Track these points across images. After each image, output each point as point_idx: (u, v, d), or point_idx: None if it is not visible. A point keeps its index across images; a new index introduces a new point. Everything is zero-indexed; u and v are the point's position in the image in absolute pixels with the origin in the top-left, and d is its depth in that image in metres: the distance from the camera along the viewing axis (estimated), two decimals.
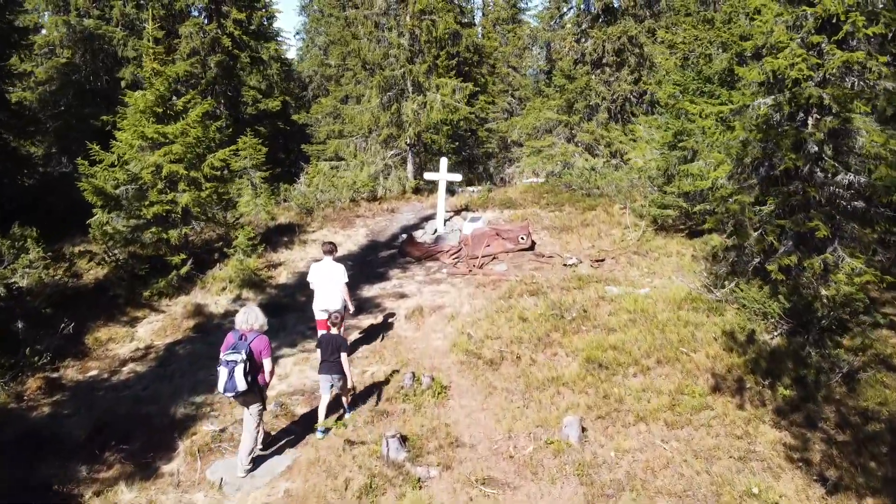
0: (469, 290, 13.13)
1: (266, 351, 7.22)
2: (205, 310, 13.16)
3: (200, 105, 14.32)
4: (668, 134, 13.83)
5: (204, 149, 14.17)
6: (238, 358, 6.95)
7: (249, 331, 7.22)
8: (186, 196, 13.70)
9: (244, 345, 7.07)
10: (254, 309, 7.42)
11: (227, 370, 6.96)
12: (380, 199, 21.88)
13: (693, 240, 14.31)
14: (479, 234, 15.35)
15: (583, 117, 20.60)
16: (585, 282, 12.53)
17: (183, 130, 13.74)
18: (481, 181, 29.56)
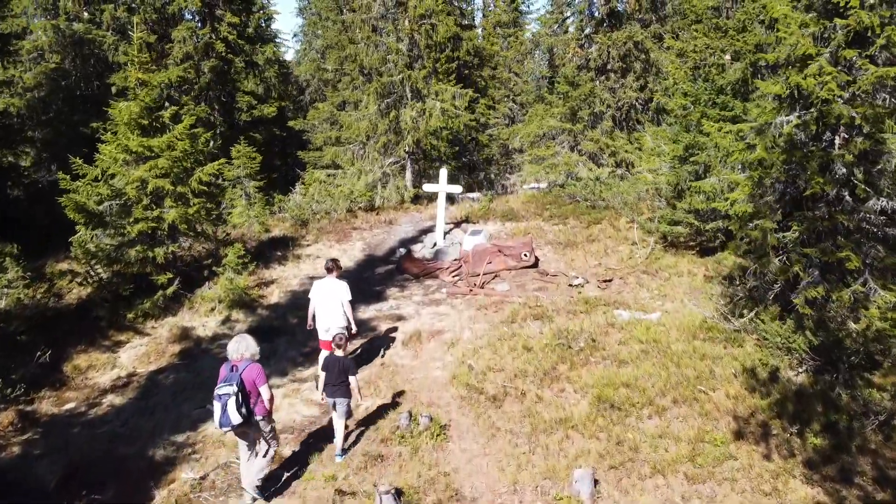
0: (470, 313, 12.47)
1: (260, 379, 6.94)
2: (192, 333, 12.50)
3: (188, 117, 13.63)
4: (679, 147, 13.16)
5: (192, 162, 13.49)
6: (230, 391, 6.69)
7: (240, 360, 6.95)
8: (173, 212, 13.04)
9: (235, 376, 6.80)
10: (245, 338, 7.14)
11: (221, 405, 6.71)
12: (377, 210, 21.22)
13: (705, 258, 13.66)
14: (480, 251, 14.69)
15: (587, 125, 19.92)
16: (593, 305, 11.87)
17: (169, 143, 13.08)
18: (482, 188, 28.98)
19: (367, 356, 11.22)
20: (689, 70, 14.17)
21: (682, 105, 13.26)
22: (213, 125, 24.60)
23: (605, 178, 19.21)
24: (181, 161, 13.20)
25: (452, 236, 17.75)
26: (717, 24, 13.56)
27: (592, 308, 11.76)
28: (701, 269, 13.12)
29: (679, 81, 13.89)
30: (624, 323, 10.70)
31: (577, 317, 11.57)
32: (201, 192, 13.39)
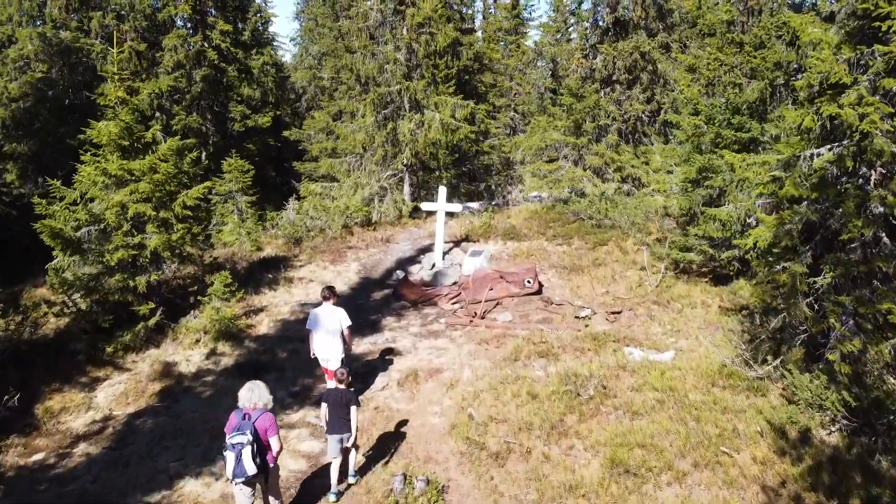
0: (470, 348, 11.71)
1: (272, 429, 6.70)
2: (174, 370, 11.73)
3: (171, 139, 12.86)
4: (692, 170, 12.40)
5: (176, 185, 12.73)
6: (244, 440, 6.44)
7: (253, 409, 6.70)
8: (155, 239, 12.29)
9: (248, 425, 6.55)
10: (258, 386, 6.87)
11: (235, 454, 6.43)
12: (374, 225, 20.47)
13: (719, 286, 12.90)
14: (481, 277, 13.93)
15: (591, 139, 19.16)
16: (601, 342, 11.11)
17: (152, 166, 12.33)
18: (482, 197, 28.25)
19: (361, 398, 10.45)
20: (702, 87, 13.39)
21: (695, 125, 12.49)
22: (206, 135, 23.89)
23: (610, 195, 18.45)
24: (164, 184, 12.45)
25: (452, 257, 17.01)
26: (731, 39, 12.80)
27: (601, 345, 11.00)
28: (715, 299, 12.36)
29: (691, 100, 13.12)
30: (636, 365, 9.93)
31: (585, 355, 10.82)
32: (186, 216, 12.63)
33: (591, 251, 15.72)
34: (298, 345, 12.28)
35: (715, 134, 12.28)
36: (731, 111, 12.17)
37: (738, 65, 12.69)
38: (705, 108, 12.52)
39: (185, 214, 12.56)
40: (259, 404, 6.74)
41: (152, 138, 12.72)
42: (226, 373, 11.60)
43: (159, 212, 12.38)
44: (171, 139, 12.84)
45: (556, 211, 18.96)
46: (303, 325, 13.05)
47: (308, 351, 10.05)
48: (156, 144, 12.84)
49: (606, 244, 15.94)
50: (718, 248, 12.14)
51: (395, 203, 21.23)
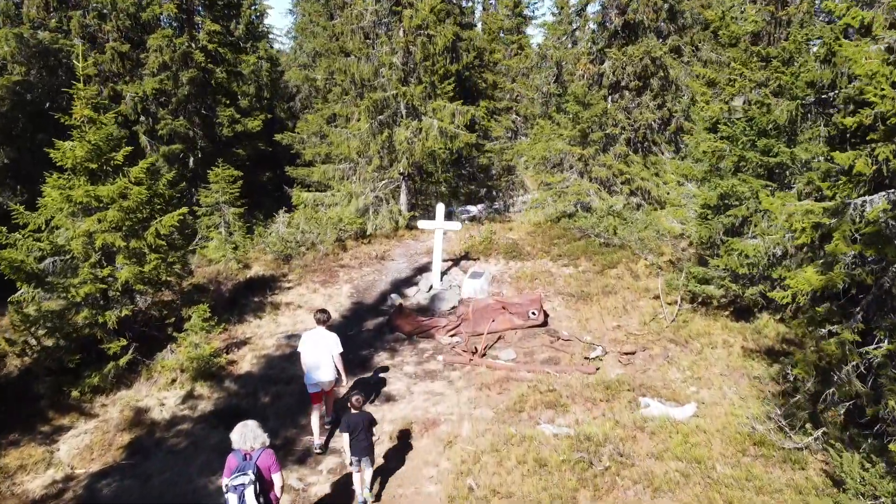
0: (470, 394, 10.69)
1: (275, 466, 6.62)
2: (146, 416, 10.71)
3: (143, 161, 11.77)
4: (713, 195, 11.34)
5: (149, 212, 11.67)
6: (247, 480, 6.32)
7: (251, 449, 6.55)
8: (126, 271, 11.25)
9: (250, 464, 6.41)
10: (249, 426, 6.66)
11: (237, 495, 6.31)
12: (369, 238, 19.44)
13: (740, 322, 11.87)
14: (481, 308, 12.89)
15: (598, 149, 18.07)
16: (615, 390, 10.09)
17: (121, 192, 11.25)
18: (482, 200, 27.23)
19: None
20: (723, 104, 12.27)
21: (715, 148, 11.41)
22: (193, 140, 22.79)
23: (619, 209, 17.39)
24: (135, 212, 11.39)
25: (451, 278, 15.98)
26: (757, 52, 11.68)
27: (614, 394, 9.98)
28: (738, 338, 11.33)
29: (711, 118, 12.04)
30: (655, 426, 8.90)
31: (597, 406, 9.80)
32: (160, 246, 11.57)
33: (599, 275, 14.67)
34: (283, 387, 11.27)
35: (738, 157, 11.21)
36: (756, 132, 11.08)
37: (764, 81, 11.60)
38: (727, 128, 11.43)
39: (158, 244, 11.49)
40: (256, 445, 6.57)
41: (123, 160, 11.61)
42: (203, 420, 10.58)
43: (130, 242, 11.32)
44: (143, 161, 11.73)
45: (560, 226, 17.90)
46: (287, 363, 12.14)
47: (292, 390, 10.06)
48: (126, 167, 11.72)
49: (616, 267, 14.89)
50: (743, 284, 11.10)
51: (390, 214, 20.16)
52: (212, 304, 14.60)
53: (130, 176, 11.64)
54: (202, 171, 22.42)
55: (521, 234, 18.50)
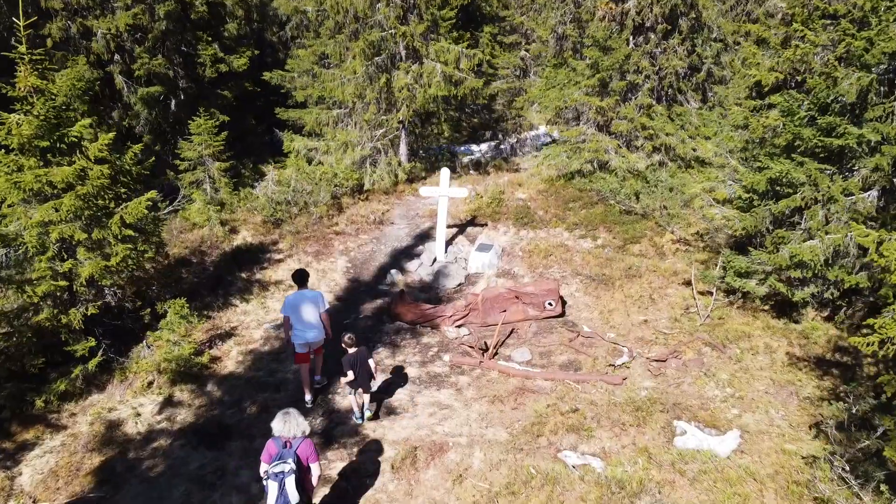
0: (480, 407, 9.52)
1: (313, 456, 6.69)
2: (119, 431, 9.58)
3: (104, 134, 10.15)
4: (761, 179, 9.81)
5: (113, 196, 10.16)
6: (287, 468, 6.37)
7: (293, 438, 6.60)
8: (89, 266, 9.86)
9: (290, 453, 6.47)
10: (292, 415, 6.68)
11: (278, 483, 6.37)
12: (367, 194, 17.93)
13: (783, 320, 10.59)
14: (492, 297, 11.59)
15: (619, 99, 16.30)
16: (646, 412, 8.91)
17: (80, 173, 9.72)
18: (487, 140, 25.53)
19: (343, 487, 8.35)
20: (781, 74, 10.52)
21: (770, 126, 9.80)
22: (174, 82, 20.84)
23: (641, 168, 15.82)
24: (97, 197, 9.89)
25: (456, 249, 14.62)
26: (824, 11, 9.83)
27: (646, 417, 8.80)
28: (782, 341, 10.08)
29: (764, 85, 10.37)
30: (696, 471, 7.74)
31: (626, 432, 8.64)
32: (127, 236, 10.12)
33: (621, 251, 13.29)
34: (271, 396, 10.10)
35: (792, 135, 9.62)
36: (816, 107, 9.47)
37: (831, 44, 9.85)
38: (781, 99, 9.78)
39: (126, 234, 10.05)
40: (298, 433, 6.63)
41: (80, 135, 10.00)
42: (182, 435, 9.45)
43: (92, 232, 9.87)
44: (104, 135, 10.11)
45: (575, 186, 16.37)
46: (276, 362, 10.93)
47: (281, 400, 9.59)
48: (87, 141, 10.12)
49: (639, 241, 13.49)
50: (793, 286, 9.75)
51: (389, 166, 18.54)
52: (195, 281, 13.39)
53: (90, 153, 10.05)
54: (185, 114, 20.61)
55: (532, 192, 16.98)
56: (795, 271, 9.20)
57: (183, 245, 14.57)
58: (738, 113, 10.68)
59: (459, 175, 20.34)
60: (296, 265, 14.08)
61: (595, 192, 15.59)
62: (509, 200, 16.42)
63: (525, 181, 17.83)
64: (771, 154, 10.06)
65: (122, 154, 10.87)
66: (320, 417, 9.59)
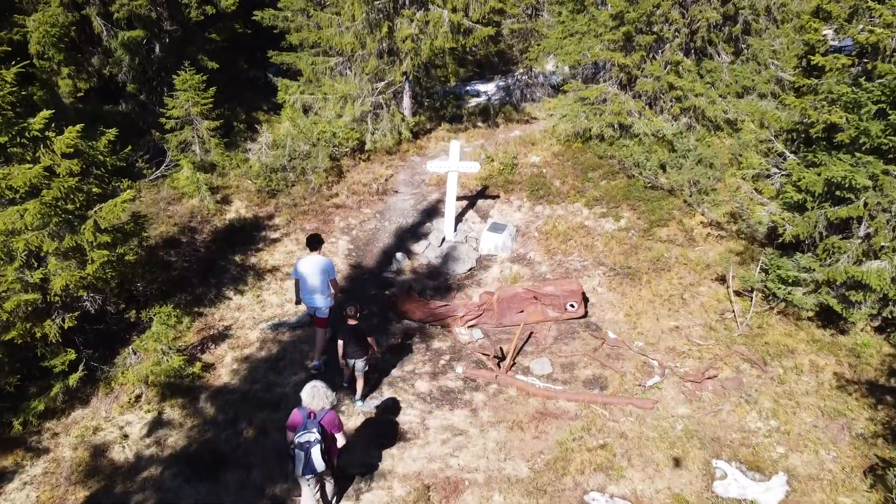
0: (498, 435, 8.71)
1: (338, 427, 6.96)
2: (105, 458, 8.81)
3: (70, 129, 8.87)
4: (818, 180, 8.64)
5: (83, 199, 8.99)
6: (313, 438, 6.63)
7: (320, 409, 6.80)
8: (63, 277, 8.84)
9: (314, 423, 6.70)
10: (319, 388, 6.86)
11: (304, 452, 6.64)
12: (368, 154, 16.64)
13: (829, 330, 9.64)
14: (508, 297, 10.61)
15: (645, 56, 14.79)
16: (682, 449, 8.10)
17: (45, 174, 8.55)
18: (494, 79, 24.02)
19: None
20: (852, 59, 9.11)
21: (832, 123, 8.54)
22: (158, 25, 19.12)
23: (666, 133, 14.52)
24: (66, 200, 8.74)
25: (466, 227, 13.56)
26: None
27: (682, 455, 8.00)
28: (829, 359, 9.17)
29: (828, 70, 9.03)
30: None
31: (661, 474, 7.86)
32: (104, 243, 9.03)
33: (646, 236, 12.22)
34: (269, 415, 9.27)
35: (858, 131, 8.39)
36: (890, 96, 8.20)
37: None
38: (847, 89, 8.48)
39: (102, 241, 8.95)
40: (326, 405, 6.82)
41: (43, 127, 8.74)
42: (173, 462, 8.70)
43: (63, 240, 8.79)
44: (71, 128, 8.84)
45: (593, 151, 15.09)
46: (273, 372, 10.05)
47: (280, 420, 8.79)
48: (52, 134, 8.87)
49: (667, 225, 12.40)
50: (849, 306, 8.75)
51: (392, 124, 17.15)
52: (184, 266, 12.40)
53: (56, 147, 8.84)
54: (171, 60, 19.04)
55: (547, 155, 15.71)
56: (856, 294, 8.19)
57: (171, 221, 13.48)
58: (796, 104, 9.37)
59: (466, 128, 19.02)
60: (293, 246, 13.06)
61: (618, 161, 14.34)
62: (522, 167, 15.18)
63: (538, 140, 16.51)
64: (828, 149, 8.85)
65: (94, 141, 9.63)
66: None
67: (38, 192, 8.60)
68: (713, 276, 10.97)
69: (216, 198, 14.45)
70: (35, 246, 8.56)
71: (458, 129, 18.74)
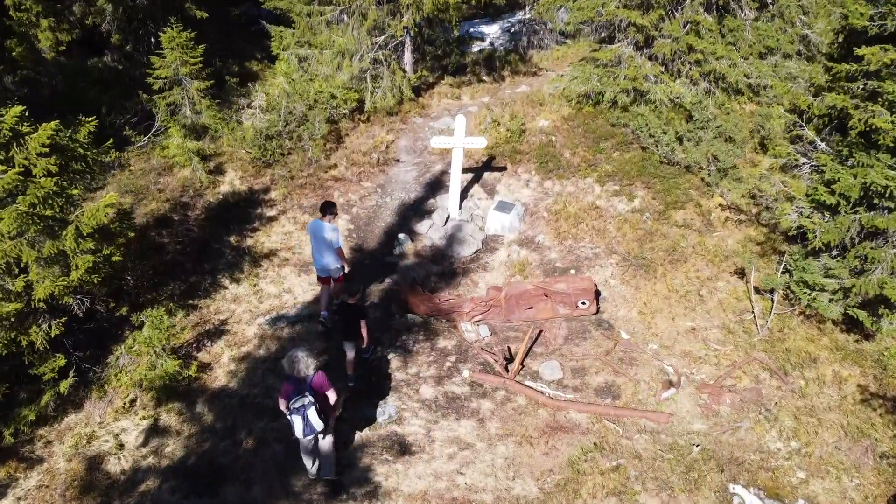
0: (507, 450, 8.40)
1: (327, 385, 7.28)
2: (101, 470, 8.54)
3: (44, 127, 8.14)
4: (854, 184, 8.01)
5: (62, 203, 8.37)
6: (307, 401, 6.98)
7: (306, 376, 7.14)
8: (46, 286, 8.33)
9: (306, 386, 7.09)
10: (299, 359, 7.15)
11: (301, 416, 7.01)
12: (367, 116, 15.82)
13: (853, 335, 9.20)
14: (517, 294, 10.13)
15: (664, 13, 13.77)
16: (699, 472, 7.80)
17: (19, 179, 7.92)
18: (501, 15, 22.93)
19: None
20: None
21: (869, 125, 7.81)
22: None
23: (684, 99, 13.69)
24: (44, 204, 8.13)
25: (472, 203, 12.97)
26: None
27: (698, 480, 7.71)
28: (853, 369, 8.77)
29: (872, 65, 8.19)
30: None
31: (676, 500, 7.58)
32: (88, 248, 8.46)
33: (662, 219, 11.62)
34: (269, 424, 8.95)
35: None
36: None
37: None
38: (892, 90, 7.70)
39: (86, 247, 8.39)
40: (310, 372, 7.12)
41: (14, 126, 8.03)
42: (171, 474, 8.44)
43: (45, 247, 8.24)
44: (46, 125, 8.13)
45: (605, 117, 14.29)
46: (272, 374, 9.66)
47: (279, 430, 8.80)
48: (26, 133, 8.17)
49: (683, 206, 11.78)
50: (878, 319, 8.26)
51: (392, 82, 16.22)
52: (177, 249, 11.88)
53: (31, 146, 8.15)
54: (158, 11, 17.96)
55: (556, 118, 14.88)
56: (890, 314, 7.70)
57: (163, 197, 12.86)
58: (836, 101, 8.58)
59: (469, 81, 18.12)
60: (290, 226, 12.49)
61: (632, 132, 13.56)
62: (530, 133, 14.39)
63: (547, 102, 15.62)
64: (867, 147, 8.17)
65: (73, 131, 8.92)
66: None
67: (13, 196, 8.00)
68: (732, 269, 10.46)
69: (209, 167, 13.78)
70: (13, 257, 8.02)
71: (461, 83, 17.82)
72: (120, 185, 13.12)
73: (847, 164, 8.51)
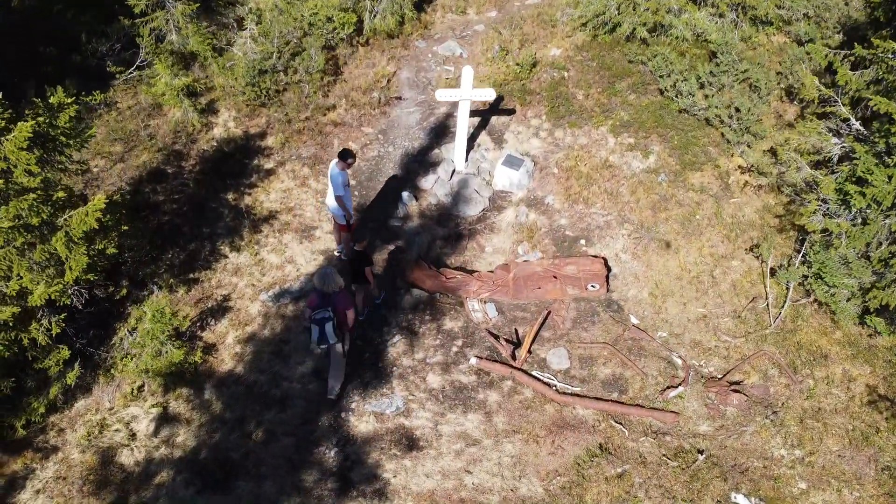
0: (514, 448, 8.53)
1: (348, 305, 8.23)
2: (115, 463, 8.75)
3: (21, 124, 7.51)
4: (890, 191, 7.53)
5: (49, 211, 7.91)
6: (326, 315, 7.85)
7: (331, 292, 7.97)
8: (40, 290, 8.10)
9: (330, 301, 7.95)
10: (329, 275, 8.02)
11: (319, 328, 7.92)
12: (367, 40, 14.75)
13: (864, 330, 9.05)
14: (525, 276, 9.89)
15: None
16: (703, 481, 7.95)
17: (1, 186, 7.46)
18: None
19: None
20: None
21: None
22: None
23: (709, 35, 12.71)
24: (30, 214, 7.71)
25: (479, 155, 12.44)
26: None
27: (701, 489, 7.87)
28: (863, 368, 8.70)
29: None
30: None
31: None
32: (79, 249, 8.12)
33: (677, 183, 11.09)
34: (277, 416, 9.07)
35: None
36: None
37: None
38: None
39: (79, 252, 8.05)
40: (336, 288, 8.02)
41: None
42: (184, 467, 8.66)
43: (35, 250, 7.91)
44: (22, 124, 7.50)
45: (621, 51, 13.30)
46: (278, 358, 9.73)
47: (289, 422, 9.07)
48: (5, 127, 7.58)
49: (701, 168, 11.22)
50: None
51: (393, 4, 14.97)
52: (173, 209, 11.50)
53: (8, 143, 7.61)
54: None
55: (569, 47, 13.86)
56: None
57: (154, 146, 12.27)
58: (883, 105, 7.77)
59: None
60: (289, 180, 12.01)
61: (651, 72, 12.66)
62: (542, 67, 13.43)
63: (560, 31, 14.46)
64: None
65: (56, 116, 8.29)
66: None
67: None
68: (747, 246, 10.13)
69: (200, 104, 13.04)
70: (4, 268, 7.71)
71: None
72: (108, 130, 12.49)
73: (882, 159, 7.96)
